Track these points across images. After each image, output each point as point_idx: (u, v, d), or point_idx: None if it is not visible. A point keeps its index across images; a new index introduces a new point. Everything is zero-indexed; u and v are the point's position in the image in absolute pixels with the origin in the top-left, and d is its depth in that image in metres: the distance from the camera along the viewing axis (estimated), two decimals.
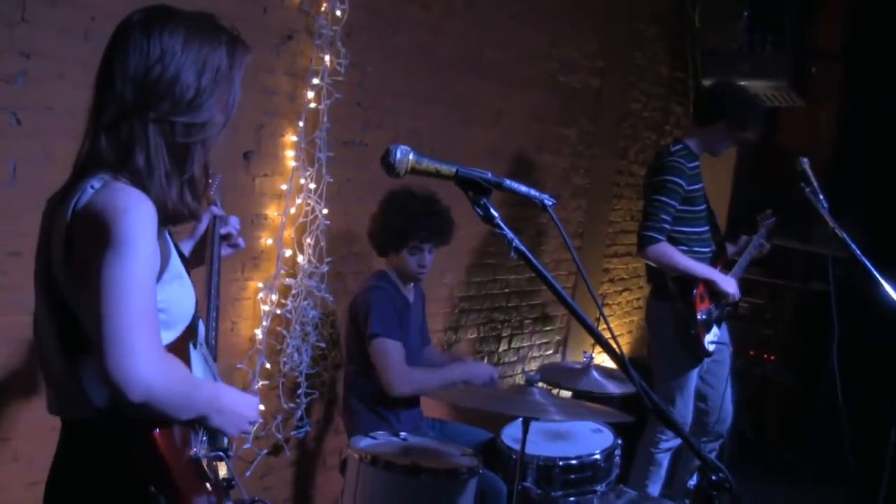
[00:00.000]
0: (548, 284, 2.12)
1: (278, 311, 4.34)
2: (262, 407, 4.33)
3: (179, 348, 2.15)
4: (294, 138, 4.29)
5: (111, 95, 2.06)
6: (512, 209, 5.55)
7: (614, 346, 2.19)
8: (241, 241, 2.93)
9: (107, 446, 2.05)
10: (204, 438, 2.20)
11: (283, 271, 4.33)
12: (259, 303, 4.29)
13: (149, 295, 1.94)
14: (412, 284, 4.38)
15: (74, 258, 1.99)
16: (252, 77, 4.05)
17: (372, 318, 4.08)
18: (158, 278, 2.06)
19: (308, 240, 4.38)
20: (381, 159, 2.07)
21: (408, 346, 4.20)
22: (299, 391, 4.47)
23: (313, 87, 4.30)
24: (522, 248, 2.10)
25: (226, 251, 2.90)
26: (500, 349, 6.27)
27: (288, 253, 4.34)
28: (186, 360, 2.20)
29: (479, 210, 2.10)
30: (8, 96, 3.23)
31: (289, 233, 4.34)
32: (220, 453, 2.27)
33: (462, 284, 5.71)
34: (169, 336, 2.11)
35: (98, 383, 1.94)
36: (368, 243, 4.35)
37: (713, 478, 2.11)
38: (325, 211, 4.39)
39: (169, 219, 2.11)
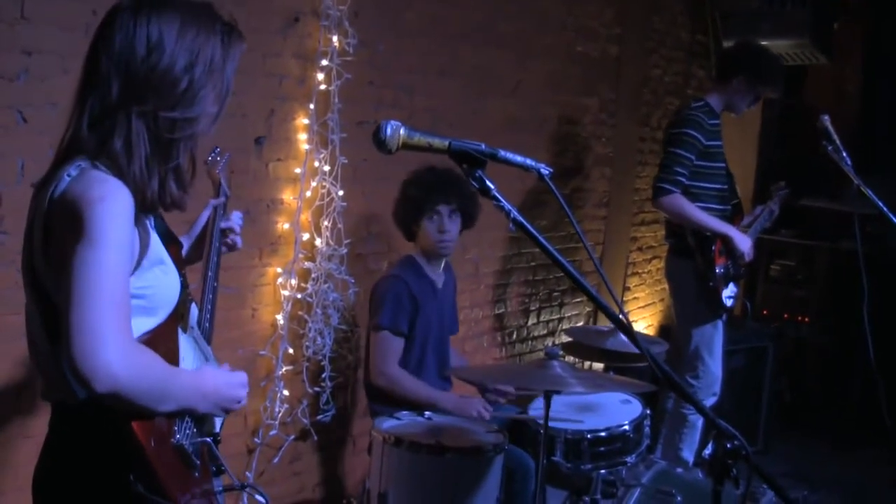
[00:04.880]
0: (549, 255, 2.07)
1: (299, 296, 4.33)
2: (286, 393, 4.33)
3: (165, 333, 2.13)
4: (306, 121, 4.27)
5: (97, 84, 2.02)
6: (538, 181, 5.51)
7: (620, 315, 2.12)
8: (238, 240, 2.87)
9: (88, 433, 2.03)
10: (189, 425, 2.18)
11: (301, 255, 4.32)
12: (279, 288, 4.28)
13: (120, 286, 1.90)
14: (441, 267, 4.34)
15: (52, 247, 1.98)
16: (260, 62, 4.06)
17: (383, 309, 4.09)
18: (137, 265, 2.03)
19: (325, 222, 4.36)
20: (372, 136, 2.03)
21: (428, 333, 4.22)
22: (324, 375, 4.46)
23: (322, 68, 4.27)
24: (521, 219, 2.05)
25: (223, 249, 2.84)
26: (529, 323, 6.23)
27: (305, 237, 4.32)
28: (174, 345, 2.18)
29: (474, 183, 2.05)
30: (12, 94, 3.22)
31: (305, 216, 4.32)
32: (208, 439, 2.26)
33: (487, 260, 5.68)
34: (151, 322, 2.08)
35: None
36: (388, 223, 4.35)
37: (728, 446, 2.05)
38: (340, 193, 4.37)
39: (149, 207, 2.07)
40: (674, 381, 2.12)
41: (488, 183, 2.06)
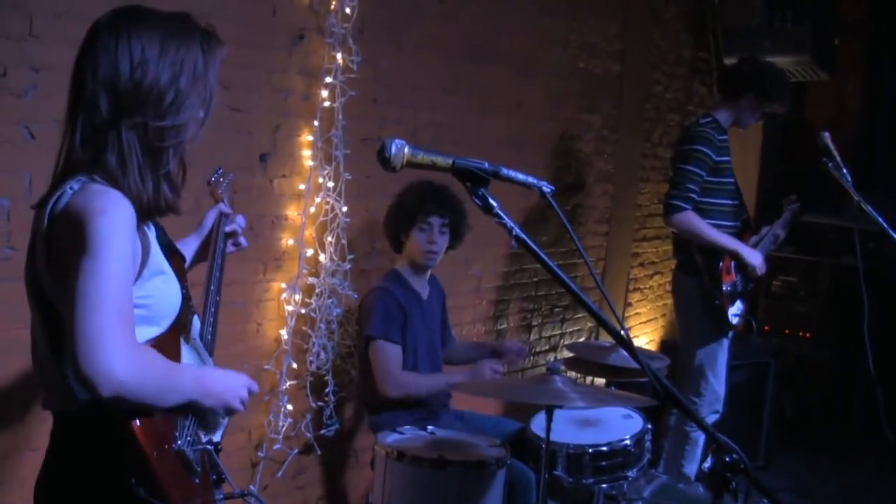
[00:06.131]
0: (551, 272, 2.10)
1: (303, 311, 4.35)
2: (290, 408, 4.35)
3: (167, 343, 2.17)
4: (310, 138, 4.30)
5: (85, 103, 2.07)
6: (540, 197, 5.53)
7: (621, 330, 2.15)
8: (243, 240, 2.95)
9: (89, 438, 2.07)
10: (190, 431, 2.22)
11: (305, 271, 4.34)
12: (283, 303, 4.31)
13: (122, 293, 1.95)
14: (426, 278, 4.39)
15: (54, 259, 2.02)
16: (265, 78, 4.09)
17: (372, 320, 4.13)
18: (139, 275, 2.08)
19: (329, 238, 4.38)
20: (377, 154, 2.06)
21: (417, 344, 4.25)
22: (327, 389, 4.48)
23: (327, 85, 4.30)
24: (523, 236, 2.09)
25: (229, 249, 2.92)
26: (532, 338, 6.25)
27: (309, 252, 4.35)
28: (176, 354, 2.22)
29: (477, 200, 2.09)
30: (20, 110, 3.25)
31: (309, 232, 4.34)
32: (209, 447, 2.28)
33: (489, 275, 5.71)
34: (152, 331, 2.13)
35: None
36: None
37: (727, 459, 2.07)
38: (344, 209, 4.39)
39: (146, 214, 2.12)
40: (674, 396, 2.15)
41: (491, 200, 2.09)
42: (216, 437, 2.38)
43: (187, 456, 2.18)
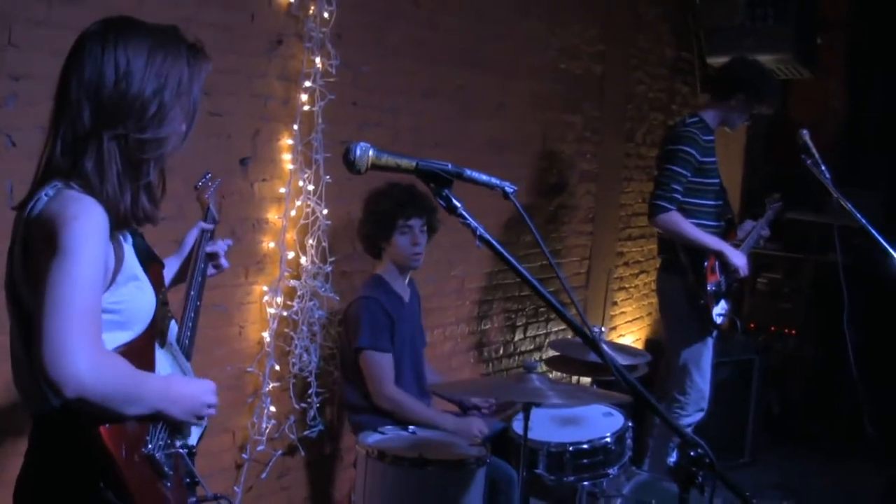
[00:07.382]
0: (515, 271, 2.15)
1: (284, 314, 4.38)
2: (273, 410, 4.38)
3: (140, 347, 2.19)
4: (290, 141, 4.33)
5: (68, 110, 2.09)
6: (523, 198, 5.56)
7: (586, 327, 2.18)
8: (224, 262, 2.95)
9: (61, 442, 2.09)
10: (162, 435, 2.23)
11: (286, 273, 4.37)
12: (265, 306, 4.33)
13: (90, 297, 1.97)
14: (408, 280, 4.41)
15: (30, 263, 2.05)
16: (244, 83, 4.12)
17: (360, 330, 4.15)
18: (112, 280, 2.10)
19: (310, 241, 4.41)
20: (342, 158, 2.10)
21: (404, 347, 4.28)
22: (310, 391, 4.51)
23: (306, 89, 4.33)
24: (487, 236, 2.12)
25: (210, 271, 2.92)
26: (516, 338, 6.28)
27: (291, 255, 4.38)
28: (150, 360, 2.25)
29: (441, 201, 2.12)
30: (1, 119, 3.28)
31: (290, 235, 4.38)
32: (181, 451, 2.31)
33: (472, 276, 5.73)
34: (125, 336, 2.15)
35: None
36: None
37: (692, 454, 2.11)
38: (325, 211, 4.42)
39: (122, 223, 2.14)
40: (638, 391, 2.18)
41: (455, 201, 2.12)
42: (191, 441, 2.40)
43: (158, 460, 2.19)
